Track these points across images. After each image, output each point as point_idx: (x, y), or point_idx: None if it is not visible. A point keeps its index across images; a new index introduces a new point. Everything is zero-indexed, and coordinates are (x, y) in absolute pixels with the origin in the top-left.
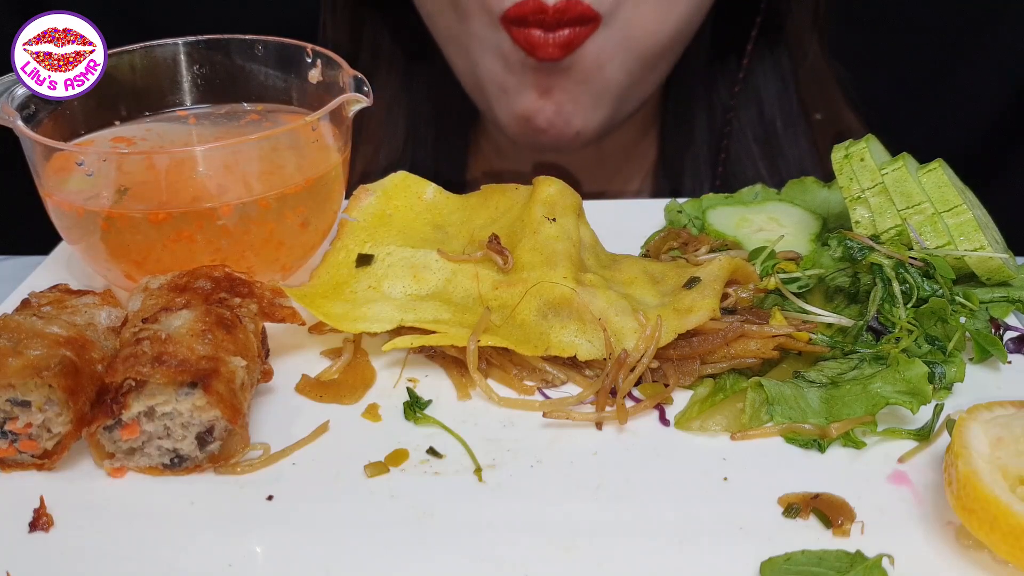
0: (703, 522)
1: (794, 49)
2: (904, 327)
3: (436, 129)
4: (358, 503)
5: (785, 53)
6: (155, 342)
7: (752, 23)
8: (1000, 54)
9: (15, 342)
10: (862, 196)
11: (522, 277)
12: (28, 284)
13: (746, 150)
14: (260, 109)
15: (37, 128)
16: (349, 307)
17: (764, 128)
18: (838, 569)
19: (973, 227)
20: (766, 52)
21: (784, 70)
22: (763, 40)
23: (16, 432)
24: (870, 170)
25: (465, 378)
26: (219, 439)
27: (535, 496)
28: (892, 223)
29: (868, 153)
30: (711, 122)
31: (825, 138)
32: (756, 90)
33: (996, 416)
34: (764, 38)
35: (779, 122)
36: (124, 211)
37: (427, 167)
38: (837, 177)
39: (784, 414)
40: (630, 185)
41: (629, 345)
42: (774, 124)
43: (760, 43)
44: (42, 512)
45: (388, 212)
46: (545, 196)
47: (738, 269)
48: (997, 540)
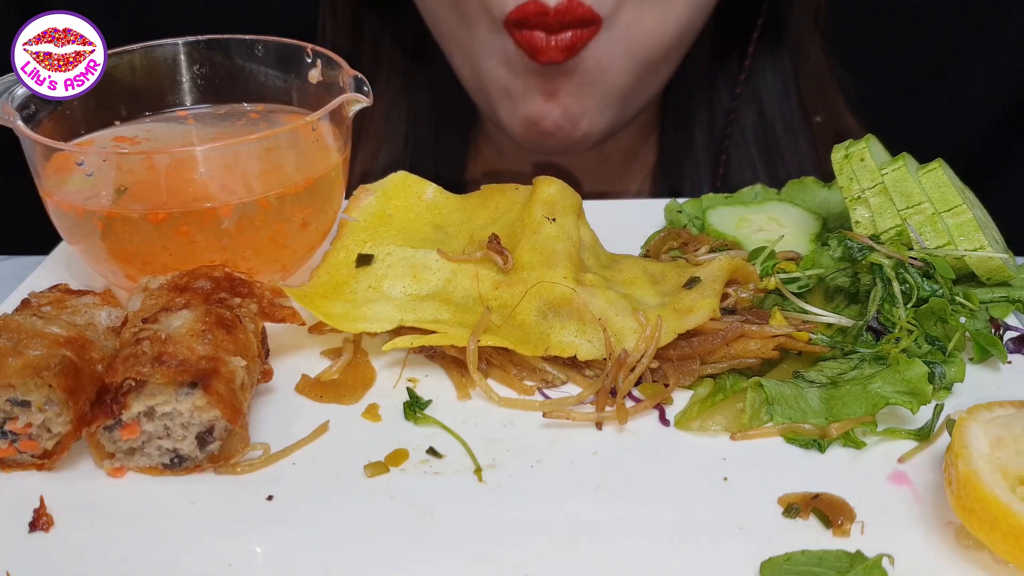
0: (703, 522)
1: (795, 51)
2: (904, 327)
3: (436, 130)
4: (358, 503)
5: (786, 55)
6: (155, 342)
7: (753, 25)
8: (1000, 54)
9: (15, 342)
10: (862, 196)
11: (522, 277)
12: (28, 284)
13: (746, 152)
14: (260, 109)
15: (37, 128)
16: (349, 307)
17: (764, 130)
18: (838, 569)
19: (973, 227)
20: (767, 54)
21: (785, 72)
22: (764, 42)
23: (16, 432)
24: (870, 170)
25: (465, 378)
26: (219, 439)
27: (535, 496)
28: (892, 223)
29: (868, 153)
30: (711, 124)
31: (825, 140)
32: (757, 92)
33: (996, 416)
34: (765, 40)
35: (779, 124)
36: (124, 211)
37: (427, 168)
38: (837, 177)
39: (784, 414)
40: (630, 187)
41: (629, 345)
42: (774, 126)
43: (761, 45)
44: (42, 512)
45: (388, 212)
46: (545, 196)
47: (738, 269)
48: (997, 540)
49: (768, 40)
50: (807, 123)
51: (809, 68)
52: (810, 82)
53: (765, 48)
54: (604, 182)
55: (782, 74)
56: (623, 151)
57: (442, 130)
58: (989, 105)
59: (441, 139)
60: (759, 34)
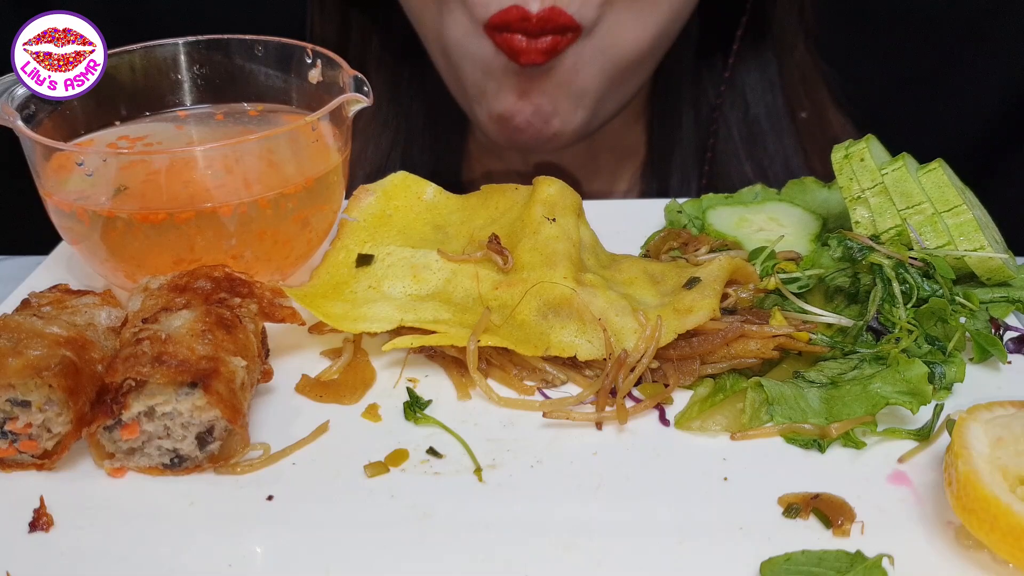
0: (703, 522)
1: (780, 48)
2: (904, 327)
3: (428, 129)
4: (358, 503)
5: (771, 52)
6: (155, 342)
7: (738, 22)
8: (1001, 54)
9: (15, 342)
10: (862, 196)
11: (522, 277)
12: (28, 284)
13: (732, 148)
14: (260, 109)
15: (37, 128)
16: (349, 307)
17: (749, 127)
18: (838, 569)
19: (973, 227)
20: (752, 51)
21: (770, 69)
22: (749, 39)
23: (16, 432)
24: (870, 170)
25: (465, 378)
26: (219, 439)
27: (535, 496)
28: (892, 223)
29: (868, 153)
30: (698, 119)
31: (812, 137)
32: (742, 89)
33: (996, 416)
34: (750, 37)
35: (764, 121)
36: (124, 211)
37: (418, 165)
38: (837, 177)
39: (784, 414)
40: (620, 183)
41: (629, 345)
42: (759, 123)
43: (746, 42)
44: (42, 512)
45: (388, 212)
46: (545, 196)
47: (738, 269)
48: (997, 540)
49: (752, 38)
50: (792, 119)
51: (794, 64)
52: (795, 80)
53: (750, 46)
54: (594, 177)
55: (767, 72)
56: (613, 146)
57: (434, 130)
58: (989, 105)
59: (434, 139)
60: (743, 31)
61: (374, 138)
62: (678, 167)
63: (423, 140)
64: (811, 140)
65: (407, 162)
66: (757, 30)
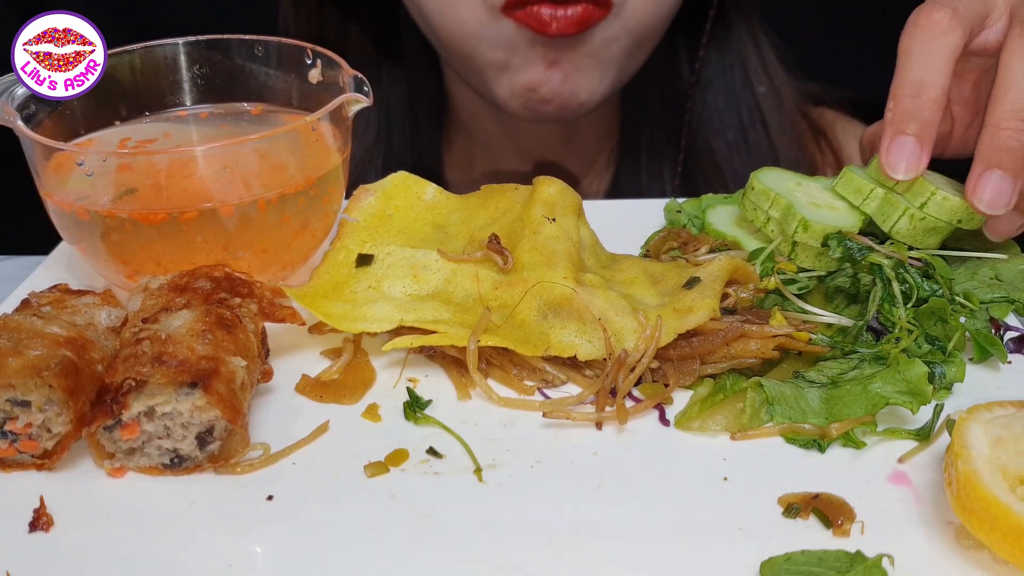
0: (703, 522)
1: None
2: (904, 327)
3: (408, 122)
4: (358, 503)
5: (737, 40)
6: (155, 342)
7: (706, 15)
8: None
9: (15, 342)
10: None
11: (522, 277)
12: (28, 284)
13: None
14: (260, 109)
15: (37, 128)
16: (349, 307)
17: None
18: (838, 569)
19: (919, 182)
20: (719, 39)
21: (735, 57)
22: (718, 26)
23: (16, 432)
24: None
25: (465, 378)
26: (219, 439)
27: (535, 496)
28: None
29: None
30: (664, 96)
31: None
32: (710, 77)
33: (996, 416)
34: (719, 26)
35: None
36: (124, 211)
37: (401, 160)
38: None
39: (784, 414)
40: (596, 161)
41: (629, 345)
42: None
43: (716, 29)
44: (42, 512)
45: (388, 212)
46: (545, 196)
47: (738, 269)
48: (997, 540)
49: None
50: (757, 104)
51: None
52: (751, 55)
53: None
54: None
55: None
56: (589, 124)
57: (414, 122)
58: None
59: (414, 131)
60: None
61: (356, 135)
62: (646, 141)
63: (403, 135)
64: (771, 114)
65: (389, 157)
66: (724, 21)
